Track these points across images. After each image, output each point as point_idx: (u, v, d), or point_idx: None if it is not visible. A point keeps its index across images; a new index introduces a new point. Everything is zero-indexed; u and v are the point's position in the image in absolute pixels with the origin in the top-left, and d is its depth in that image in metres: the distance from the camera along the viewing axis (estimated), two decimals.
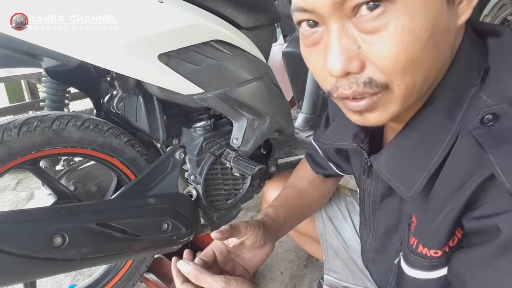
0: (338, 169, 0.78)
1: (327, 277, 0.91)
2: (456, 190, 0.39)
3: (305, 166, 0.87)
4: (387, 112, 0.41)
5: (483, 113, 0.38)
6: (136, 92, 0.94)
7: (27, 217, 0.74)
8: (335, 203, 0.94)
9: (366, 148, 0.55)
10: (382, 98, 0.39)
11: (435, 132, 0.43)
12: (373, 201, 0.61)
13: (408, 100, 0.40)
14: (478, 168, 0.37)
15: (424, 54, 0.36)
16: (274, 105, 1.02)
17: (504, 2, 3.94)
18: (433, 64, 0.38)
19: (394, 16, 0.35)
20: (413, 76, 0.37)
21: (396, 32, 0.35)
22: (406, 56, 0.36)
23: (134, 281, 1.08)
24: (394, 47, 0.35)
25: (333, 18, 0.37)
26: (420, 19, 0.35)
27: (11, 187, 2.09)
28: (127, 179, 0.96)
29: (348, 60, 0.37)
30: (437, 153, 0.42)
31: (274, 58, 1.55)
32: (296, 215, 0.78)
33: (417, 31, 0.35)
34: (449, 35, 0.39)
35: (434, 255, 0.45)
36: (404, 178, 0.46)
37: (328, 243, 0.92)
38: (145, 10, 0.72)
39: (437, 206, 0.43)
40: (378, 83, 0.38)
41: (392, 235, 0.59)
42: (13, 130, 0.75)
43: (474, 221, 0.39)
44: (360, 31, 0.37)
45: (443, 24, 0.36)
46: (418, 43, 0.35)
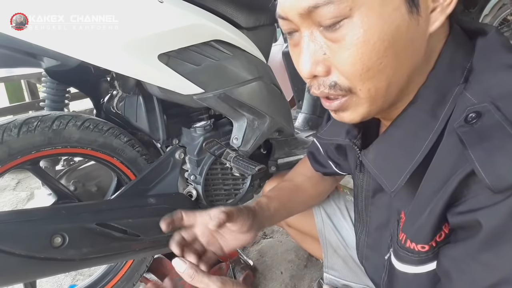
0: (337, 168, 0.79)
1: (326, 275, 0.91)
2: (441, 186, 0.41)
3: (305, 163, 0.87)
4: (357, 112, 0.45)
5: (467, 111, 0.39)
6: (136, 92, 0.94)
7: (27, 217, 0.74)
8: (334, 202, 0.94)
9: (358, 144, 0.57)
10: (349, 101, 0.43)
11: (418, 130, 0.45)
12: (366, 196, 0.63)
13: (376, 103, 0.43)
14: (461, 164, 0.38)
15: (383, 63, 0.39)
16: (274, 105, 1.02)
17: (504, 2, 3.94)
18: (396, 71, 0.41)
19: (351, 29, 0.38)
20: (374, 82, 0.41)
21: (352, 43, 0.38)
22: (362, 65, 0.39)
23: (134, 281, 1.08)
24: (351, 56, 0.39)
25: (303, 26, 0.42)
26: (374, 31, 0.38)
27: (11, 187, 2.09)
28: (127, 179, 0.96)
29: (315, 64, 0.42)
30: (420, 150, 0.44)
31: (274, 58, 1.55)
32: (288, 209, 0.79)
33: (371, 43, 0.38)
34: (416, 43, 0.41)
35: (422, 250, 0.46)
36: (389, 173, 0.48)
37: (328, 241, 0.92)
38: (145, 10, 0.72)
39: (423, 201, 0.44)
40: (342, 87, 0.42)
41: (383, 231, 0.60)
42: (13, 130, 0.75)
43: (457, 216, 0.40)
44: (325, 39, 0.41)
45: (405, 34, 0.39)
46: (374, 54, 0.38)
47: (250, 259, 1.35)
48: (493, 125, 0.36)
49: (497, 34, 0.43)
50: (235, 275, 1.18)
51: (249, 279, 1.20)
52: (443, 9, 0.40)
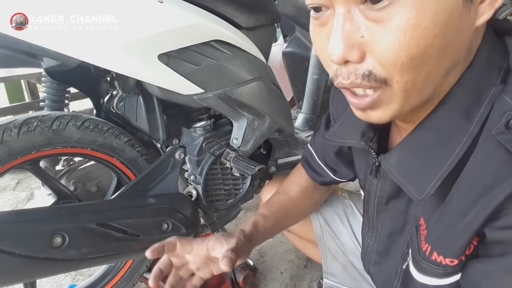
0: (335, 175, 0.77)
1: (326, 281, 0.90)
2: (479, 197, 0.38)
3: (299, 171, 0.86)
4: (389, 110, 0.40)
5: (507, 116, 0.36)
6: (136, 92, 0.94)
7: (27, 217, 0.74)
8: (333, 208, 0.92)
9: (375, 148, 0.53)
10: (382, 96, 0.38)
11: (451, 133, 0.41)
12: (378, 203, 0.59)
13: (410, 99, 0.39)
14: (506, 176, 0.35)
15: (428, 52, 0.34)
16: (274, 105, 1.02)
17: (504, 2, 3.93)
18: (438, 64, 0.36)
19: (401, 8, 0.33)
20: (413, 74, 0.36)
21: (401, 25, 0.33)
22: (407, 53, 0.34)
23: (134, 281, 1.08)
24: (396, 41, 0.34)
25: (340, 1, 0.36)
26: (428, 14, 0.33)
27: (11, 187, 2.09)
28: (127, 179, 0.96)
29: (348, 47, 0.36)
30: (452, 155, 0.40)
31: (274, 58, 1.55)
32: (282, 225, 0.79)
33: (422, 28, 0.33)
34: (463, 35, 0.37)
35: (450, 264, 0.43)
36: (415, 180, 0.44)
37: (327, 247, 0.91)
38: (145, 10, 0.72)
39: (456, 212, 0.41)
40: (377, 78, 0.37)
41: (397, 238, 0.57)
42: (13, 130, 0.75)
43: (498, 231, 0.38)
44: (366, 19, 0.35)
45: (457, 23, 0.34)
46: (422, 41, 0.34)
47: (250, 259, 1.35)
48: None
49: None
50: (235, 275, 1.18)
51: (249, 279, 1.20)
52: (492, 2, 0.36)
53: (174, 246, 0.62)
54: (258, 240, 0.70)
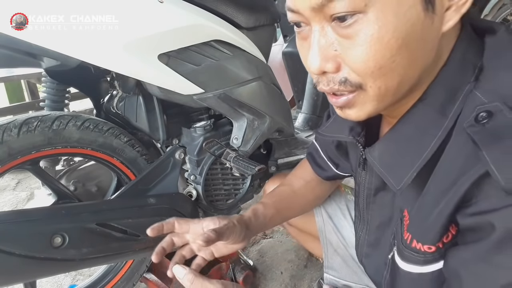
0: (337, 169, 0.79)
1: (326, 276, 0.91)
2: (450, 187, 0.40)
3: (304, 166, 0.87)
4: (364, 110, 0.44)
5: (477, 110, 0.38)
6: (136, 92, 0.94)
7: (27, 217, 0.74)
8: (335, 201, 0.94)
9: (362, 141, 0.56)
10: (358, 97, 0.43)
11: (427, 127, 0.44)
12: (367, 195, 0.62)
13: (384, 100, 0.42)
14: (472, 165, 0.38)
15: (396, 61, 0.38)
16: (274, 105, 1.02)
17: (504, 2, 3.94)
18: (408, 69, 0.40)
19: (365, 25, 0.37)
20: (385, 80, 0.40)
21: (366, 40, 0.37)
22: (375, 63, 0.38)
23: (134, 281, 1.08)
24: (364, 53, 0.38)
25: (314, 20, 0.40)
26: (389, 29, 0.37)
27: (11, 187, 2.09)
28: (127, 179, 0.96)
29: (324, 60, 0.41)
30: (428, 148, 0.43)
31: (274, 58, 1.55)
32: (284, 215, 0.79)
33: (385, 40, 0.37)
34: (429, 42, 0.40)
35: (428, 251, 0.46)
36: (395, 171, 0.47)
37: (328, 240, 0.92)
38: (145, 10, 0.72)
39: (431, 202, 0.43)
40: (353, 83, 0.41)
41: (385, 229, 0.59)
42: (13, 130, 0.75)
43: (468, 218, 0.40)
44: (337, 35, 0.39)
45: (420, 33, 0.38)
46: (387, 52, 0.38)
47: (250, 259, 1.35)
48: (506, 125, 0.36)
49: (507, 32, 0.43)
50: (235, 275, 1.18)
51: (249, 279, 1.20)
52: (458, 8, 0.39)
53: (172, 225, 0.64)
54: (258, 227, 0.70)
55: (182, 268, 0.57)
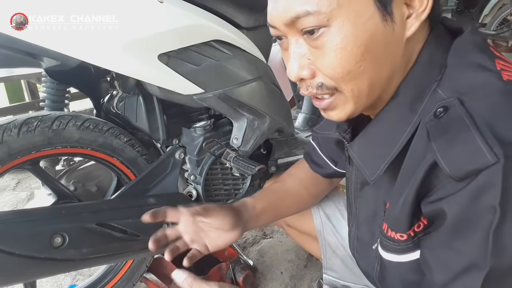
0: (336, 166, 0.79)
1: (326, 277, 0.91)
2: (411, 176, 0.43)
3: (300, 165, 0.87)
4: (344, 110, 0.48)
5: (437, 106, 0.42)
6: (136, 92, 0.94)
7: (27, 217, 0.74)
8: (333, 202, 0.94)
9: (348, 138, 0.59)
10: (338, 99, 0.47)
11: (398, 123, 0.48)
12: (355, 189, 0.64)
13: (360, 101, 0.47)
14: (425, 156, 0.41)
15: (362, 66, 0.43)
16: (274, 105, 1.02)
17: (504, 2, 3.94)
18: (375, 72, 0.44)
19: (330, 37, 0.42)
20: (355, 83, 0.44)
21: (331, 49, 0.42)
22: (342, 69, 0.43)
23: (134, 281, 1.08)
24: (331, 61, 0.43)
25: (289, 34, 0.46)
26: (350, 39, 0.41)
27: (11, 187, 2.09)
28: (127, 179, 0.96)
29: (301, 68, 0.46)
30: (398, 142, 0.47)
31: (274, 58, 1.54)
32: (276, 210, 0.79)
33: (348, 49, 0.42)
34: (393, 47, 0.44)
35: (400, 239, 0.48)
36: (370, 163, 0.51)
37: (326, 241, 0.92)
38: (145, 10, 0.72)
39: (399, 191, 0.46)
40: (328, 87, 0.46)
41: (371, 223, 0.61)
42: (13, 130, 0.75)
43: (428, 206, 0.43)
44: (309, 46, 0.45)
45: (381, 40, 0.42)
46: (352, 58, 0.42)
47: (250, 259, 1.35)
48: (455, 118, 0.39)
49: (471, 33, 0.46)
50: (235, 275, 1.18)
51: (249, 279, 1.20)
52: (418, 15, 0.43)
53: (164, 213, 0.66)
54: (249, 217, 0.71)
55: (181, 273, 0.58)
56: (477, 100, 0.39)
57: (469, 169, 0.36)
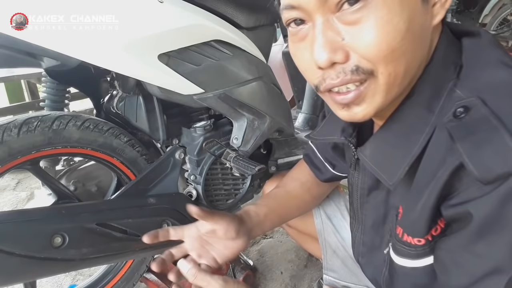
0: (334, 169, 0.78)
1: (326, 277, 0.91)
2: (431, 179, 0.41)
3: (300, 167, 0.87)
4: (373, 104, 0.43)
5: (456, 106, 0.40)
6: (136, 92, 0.94)
7: (27, 217, 0.74)
8: (334, 202, 0.94)
9: (354, 142, 0.57)
10: (368, 88, 0.42)
11: (415, 124, 0.45)
12: (361, 195, 0.63)
13: (391, 90, 0.42)
14: (450, 158, 0.39)
15: (404, 45, 0.39)
16: (274, 105, 1.02)
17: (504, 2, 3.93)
18: (412, 56, 0.41)
19: (374, 9, 0.38)
20: (395, 65, 0.40)
21: (376, 22, 0.38)
22: (387, 45, 0.38)
23: (134, 281, 1.08)
24: (375, 36, 0.38)
25: (318, 12, 0.40)
26: (397, 11, 0.38)
27: (11, 187, 2.09)
28: (127, 179, 0.96)
29: (333, 51, 0.40)
30: (417, 143, 0.44)
31: (274, 58, 1.54)
32: (280, 214, 0.79)
33: (395, 23, 0.38)
34: (425, 32, 0.42)
35: (418, 243, 0.47)
36: (387, 167, 0.48)
37: (327, 242, 0.92)
38: (145, 10, 0.72)
39: (417, 195, 0.45)
40: (365, 70, 0.40)
41: (380, 228, 0.60)
42: (13, 130, 0.75)
43: (450, 209, 0.41)
44: (343, 24, 0.40)
45: (419, 20, 0.40)
46: (398, 34, 0.38)
47: (250, 259, 1.35)
48: (480, 119, 0.37)
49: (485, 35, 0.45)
50: (235, 275, 1.18)
51: (249, 279, 1.20)
52: (443, 4, 0.42)
53: (167, 232, 0.66)
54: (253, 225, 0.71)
55: (186, 263, 0.58)
56: (501, 99, 0.38)
57: (500, 172, 0.35)
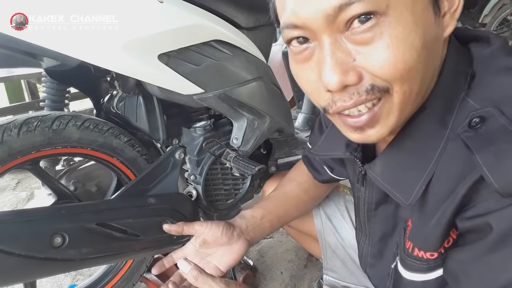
0: (333, 173, 0.78)
1: (326, 277, 0.91)
2: (449, 193, 0.40)
3: (298, 168, 0.87)
4: (387, 124, 0.41)
5: (470, 116, 0.39)
6: (136, 92, 0.94)
7: (27, 217, 0.74)
8: (334, 202, 0.94)
9: (360, 157, 0.56)
10: (383, 108, 0.40)
11: (429, 139, 0.43)
12: (368, 209, 0.61)
13: (406, 109, 0.41)
14: (468, 171, 0.38)
15: (421, 62, 0.37)
16: (274, 105, 1.02)
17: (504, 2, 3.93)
18: (427, 71, 0.40)
19: (388, 27, 0.35)
20: (411, 83, 0.38)
21: (392, 41, 0.36)
22: (404, 64, 0.36)
23: (134, 281, 1.08)
24: (391, 56, 0.36)
25: (325, 33, 0.37)
26: (412, 28, 0.36)
27: (11, 187, 2.09)
28: (127, 179, 0.96)
29: (344, 73, 0.37)
30: (432, 160, 0.43)
31: (274, 58, 1.54)
32: (277, 215, 0.79)
33: (411, 40, 0.36)
34: (438, 45, 0.40)
35: (431, 258, 0.46)
36: (401, 186, 0.46)
37: (327, 242, 0.92)
38: (145, 10, 0.72)
39: (431, 209, 0.43)
40: (380, 88, 0.38)
41: (389, 240, 0.59)
42: (13, 130, 0.75)
43: (467, 221, 0.40)
44: (353, 44, 0.37)
45: (433, 34, 0.38)
46: (414, 51, 0.36)
47: (250, 259, 1.35)
48: (498, 129, 0.36)
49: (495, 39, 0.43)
50: (235, 275, 1.18)
51: (249, 279, 1.20)
52: (452, 15, 0.40)
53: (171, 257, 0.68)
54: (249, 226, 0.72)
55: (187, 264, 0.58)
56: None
57: None
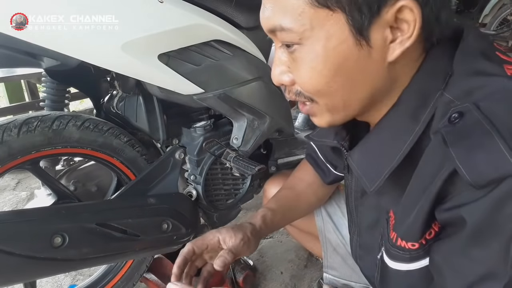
0: (336, 170, 0.79)
1: (326, 276, 0.91)
2: (427, 185, 0.42)
3: (305, 167, 0.87)
4: (323, 119, 0.50)
5: (451, 112, 0.40)
6: (136, 92, 0.94)
7: (27, 217, 0.74)
8: (335, 201, 0.94)
9: (346, 146, 0.59)
10: (315, 108, 0.49)
11: (400, 133, 0.47)
12: (355, 197, 0.64)
13: (337, 114, 0.48)
14: (445, 164, 0.40)
15: (332, 86, 0.44)
16: (274, 105, 1.02)
17: (504, 2, 3.94)
18: (351, 92, 0.45)
19: (302, 55, 0.43)
20: (328, 99, 0.46)
21: (303, 66, 0.44)
22: (312, 86, 0.45)
23: (134, 281, 1.08)
24: (303, 77, 0.45)
25: (275, 40, 0.47)
26: (320, 60, 0.42)
27: (11, 187, 2.09)
28: (127, 179, 0.96)
29: (281, 74, 0.48)
30: (399, 152, 0.46)
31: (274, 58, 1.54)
32: (288, 218, 0.81)
33: (318, 70, 0.43)
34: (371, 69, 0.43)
35: (412, 248, 0.47)
36: (369, 173, 0.50)
37: (327, 239, 0.93)
38: (145, 10, 0.72)
39: (412, 201, 0.45)
40: (306, 96, 0.47)
41: (374, 231, 0.61)
42: (13, 130, 0.75)
43: (444, 213, 0.42)
44: (288, 55, 0.46)
45: (355, 63, 0.42)
46: (321, 79, 0.43)
47: (250, 259, 1.35)
48: (473, 124, 0.37)
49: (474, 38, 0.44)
50: (235, 275, 1.18)
51: (249, 279, 1.20)
52: (402, 42, 0.41)
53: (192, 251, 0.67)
54: (265, 234, 0.73)
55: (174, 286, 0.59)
56: (494, 106, 0.38)
57: (492, 177, 0.34)
